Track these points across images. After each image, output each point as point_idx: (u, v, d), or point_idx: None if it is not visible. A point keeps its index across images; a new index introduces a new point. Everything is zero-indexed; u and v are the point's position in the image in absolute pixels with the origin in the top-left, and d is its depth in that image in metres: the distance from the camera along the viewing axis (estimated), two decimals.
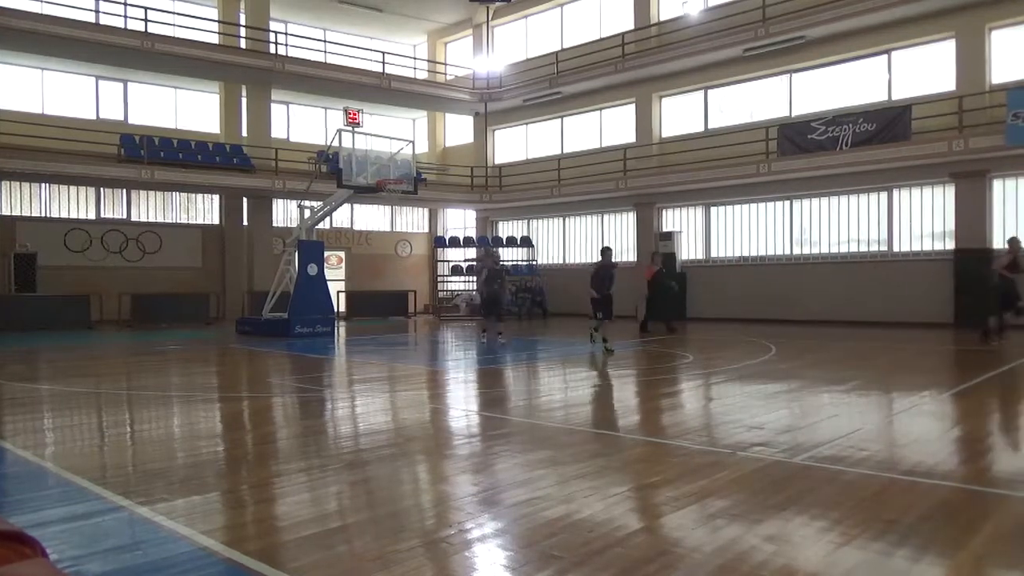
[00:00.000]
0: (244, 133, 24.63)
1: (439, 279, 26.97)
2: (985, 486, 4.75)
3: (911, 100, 17.86)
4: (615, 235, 24.80)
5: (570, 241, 26.28)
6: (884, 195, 18.80)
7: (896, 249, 18.59)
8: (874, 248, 19.00)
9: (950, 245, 17.49)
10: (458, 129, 30.38)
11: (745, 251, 21.36)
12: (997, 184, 17.07)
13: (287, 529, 3.99)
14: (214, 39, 22.99)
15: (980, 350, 12.73)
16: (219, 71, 22.95)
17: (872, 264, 18.74)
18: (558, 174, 25.04)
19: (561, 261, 26.40)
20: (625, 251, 24.33)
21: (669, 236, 22.31)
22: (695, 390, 9.12)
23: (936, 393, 8.36)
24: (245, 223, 24.19)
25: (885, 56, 19.00)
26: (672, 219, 23.20)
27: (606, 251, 13.75)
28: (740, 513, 4.10)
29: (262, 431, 7.05)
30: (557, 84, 25.00)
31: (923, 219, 18.27)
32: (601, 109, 25.29)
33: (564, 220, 26.39)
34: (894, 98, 18.61)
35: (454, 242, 26.90)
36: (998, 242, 16.81)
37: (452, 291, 27.22)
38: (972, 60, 17.34)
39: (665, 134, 23.61)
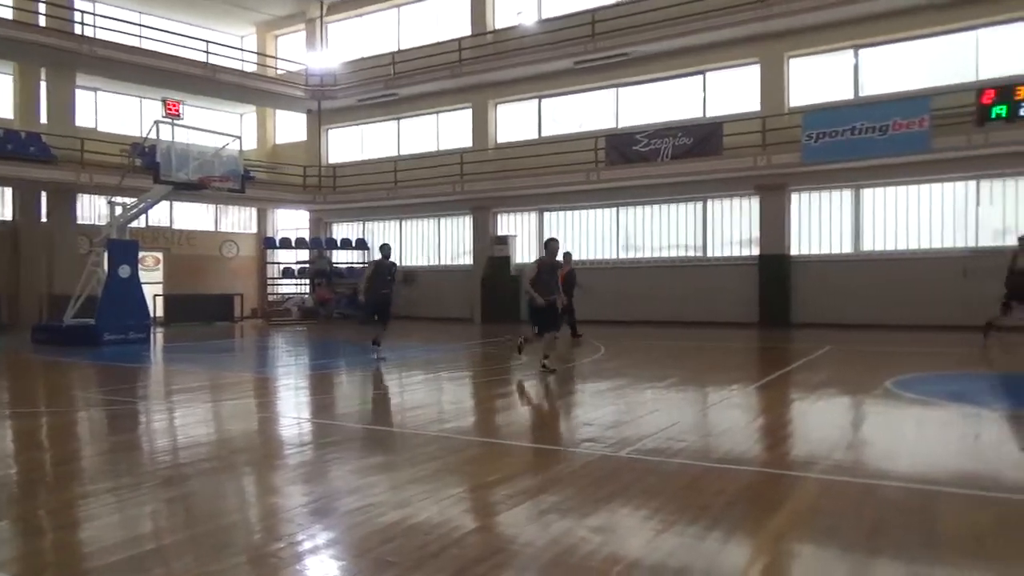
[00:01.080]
0: (43, 120, 22.26)
1: (269, 282, 25.82)
2: (784, 469, 5.25)
3: (723, 118, 19.42)
4: (452, 239, 24.97)
5: (407, 244, 26.11)
6: (699, 204, 20.30)
7: (710, 255, 20.12)
8: (691, 253, 20.46)
9: (756, 251, 19.18)
10: (290, 126, 29.25)
11: (576, 255, 22.24)
12: (795, 197, 18.97)
13: (93, 555, 3.64)
14: (7, 13, 20.61)
15: (776, 347, 14.07)
16: (14, 50, 20.59)
17: (690, 268, 20.17)
18: (395, 176, 24.81)
19: (398, 264, 26.13)
20: (462, 254, 24.58)
21: (504, 240, 22.80)
22: (529, 390, 9.36)
23: (743, 387, 9.13)
24: (44, 220, 21.85)
25: (701, 76, 20.54)
26: (508, 223, 23.70)
27: (551, 243, 10.39)
28: (570, 507, 4.25)
29: (64, 449, 6.39)
30: (393, 85, 24.78)
31: (732, 227, 19.92)
32: (438, 113, 25.36)
33: (401, 223, 26.18)
34: (708, 115, 20.16)
35: (285, 243, 25.86)
36: (795, 249, 18.72)
37: (283, 294, 26.16)
38: (774, 85, 19.17)
39: (501, 140, 24.09)
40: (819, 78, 18.99)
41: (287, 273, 25.89)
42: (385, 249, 12.81)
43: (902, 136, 16.25)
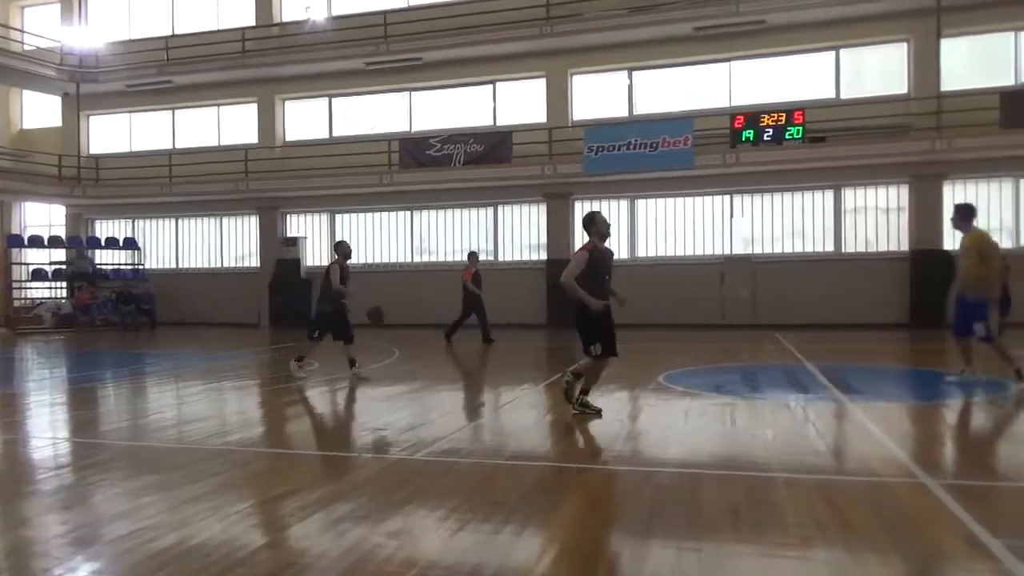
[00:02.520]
0: None
1: (15, 285, 22.68)
2: (571, 462, 5.53)
3: (512, 127, 20.15)
4: (236, 240, 23.54)
5: (184, 245, 24.19)
6: (491, 210, 20.90)
7: (502, 259, 20.77)
8: (484, 257, 20.97)
9: (544, 256, 20.09)
10: (41, 110, 25.93)
11: (371, 258, 21.93)
12: (578, 205, 20.14)
13: None
14: None
15: (563, 347, 14.85)
16: None
17: (481, 272, 20.64)
18: (170, 171, 22.89)
19: (174, 266, 24.15)
20: (247, 256, 23.26)
21: (294, 242, 21.91)
22: (321, 396, 9.05)
23: (533, 386, 9.51)
24: None
25: (491, 86, 21.17)
26: (297, 225, 22.80)
27: (594, 218, 7.44)
28: (365, 514, 4.16)
29: None
30: (168, 72, 22.88)
31: (522, 233, 20.72)
32: (220, 105, 23.80)
33: (177, 221, 24.20)
34: (499, 124, 20.83)
35: (36, 242, 22.89)
36: None
37: (33, 299, 23.12)
38: (559, 98, 20.25)
39: (290, 138, 23.14)
40: (599, 95, 20.37)
41: (38, 275, 22.92)
42: (345, 248, 11.06)
43: (669, 153, 17.87)
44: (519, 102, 20.92)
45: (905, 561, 3.46)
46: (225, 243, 23.72)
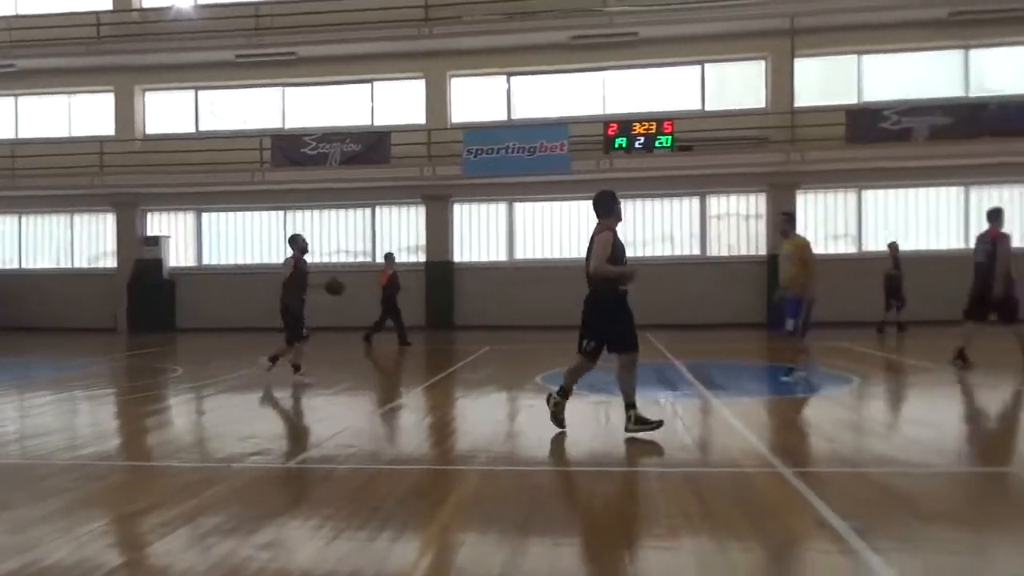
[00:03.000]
0: None
1: None
2: (450, 465, 5.52)
3: (390, 127, 19.89)
4: (89, 238, 21.89)
5: (29, 243, 22.23)
6: (369, 211, 20.54)
7: (380, 261, 20.43)
8: (360, 259, 20.59)
9: (423, 258, 19.96)
10: None
11: (241, 259, 21.01)
12: (457, 207, 20.15)
13: None
14: None
15: (441, 349, 14.81)
16: None
17: (359, 274, 20.24)
18: (12, 162, 20.98)
19: (17, 266, 22.15)
20: (102, 256, 21.70)
21: (156, 241, 20.64)
22: (185, 404, 8.57)
23: (411, 389, 9.42)
24: None
25: (369, 85, 20.81)
26: (159, 223, 21.50)
27: (615, 196, 7.05)
28: (234, 527, 3.97)
29: None
30: (11, 55, 20.97)
31: (401, 234, 20.49)
32: (72, 93, 22.07)
33: (20, 218, 22.21)
34: (376, 123, 20.51)
35: None
36: (458, 256, 19.87)
37: None
38: (438, 100, 20.18)
39: (150, 131, 21.79)
40: (478, 98, 20.47)
41: None
42: (301, 242, 10.14)
43: (547, 158, 18.22)
44: (397, 102, 20.69)
45: (763, 546, 3.68)
46: (77, 242, 22.03)
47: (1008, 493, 4.61)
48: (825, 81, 19.43)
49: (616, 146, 18.21)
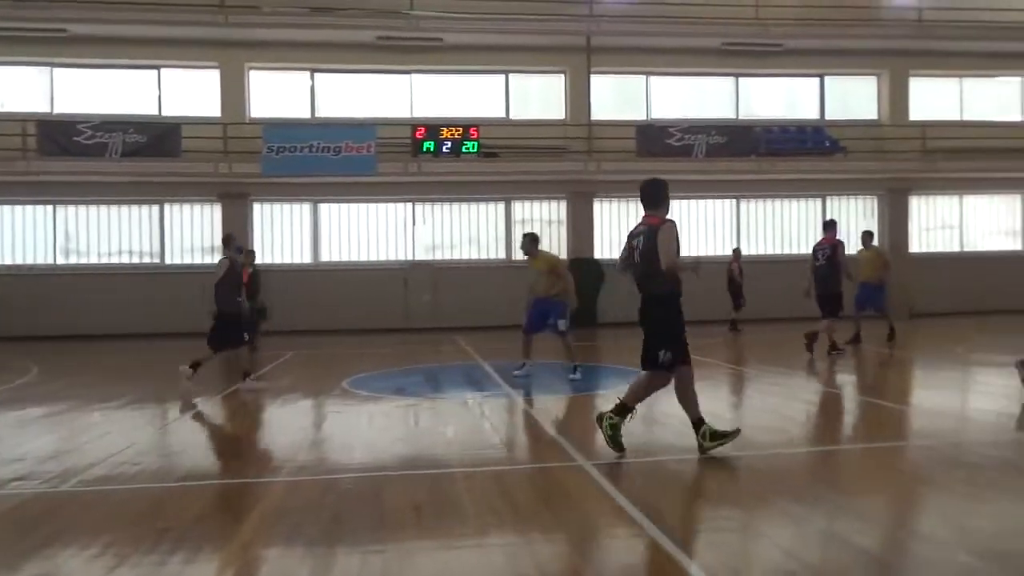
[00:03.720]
0: None
1: None
2: (251, 477, 5.22)
3: (181, 119, 18.44)
4: None
5: None
6: (156, 208, 18.93)
7: (169, 262, 18.92)
8: (147, 260, 18.93)
9: (218, 259, 18.67)
10: None
11: (9, 259, 18.51)
12: (257, 207, 19.11)
13: None
14: None
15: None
16: None
17: (145, 276, 18.62)
18: None
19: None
20: None
21: None
22: None
23: (207, 399, 8.79)
24: None
25: (156, 72, 19.19)
26: None
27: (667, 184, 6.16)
28: None
29: None
30: None
31: (194, 234, 19.07)
32: None
33: None
34: (164, 114, 18.94)
35: None
36: (259, 258, 18.84)
37: None
38: (234, 93, 19.01)
39: None
40: (280, 94, 19.60)
41: None
42: (237, 241, 9.95)
43: (353, 158, 17.84)
44: (189, 93, 19.26)
45: (566, 536, 3.86)
46: None
47: (776, 473, 5.19)
48: (618, 97, 20.83)
49: (424, 149, 18.26)
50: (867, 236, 13.22)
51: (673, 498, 4.44)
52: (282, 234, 19.33)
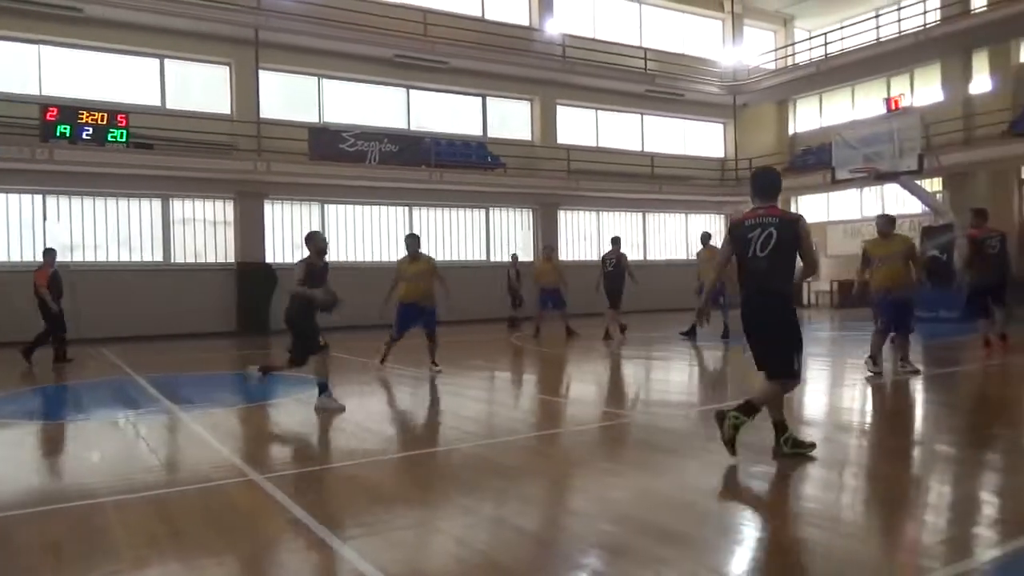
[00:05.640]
0: None
1: None
2: None
3: None
4: None
5: None
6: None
7: None
8: None
9: None
10: None
11: None
12: None
13: None
14: None
15: None
16: None
17: None
18: None
19: None
20: None
21: None
22: None
23: None
24: None
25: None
26: None
27: None
28: None
29: None
30: None
31: None
32: None
33: None
34: None
35: None
36: None
37: None
38: None
39: None
40: None
41: None
42: (320, 241, 7.56)
43: None
44: None
45: (238, 557, 3.62)
46: None
47: (450, 468, 5.44)
48: (290, 97, 20.21)
49: (58, 134, 15.84)
50: (706, 237, 14.97)
51: (351, 504, 4.42)
52: None
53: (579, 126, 24.65)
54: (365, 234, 20.54)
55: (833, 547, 3.51)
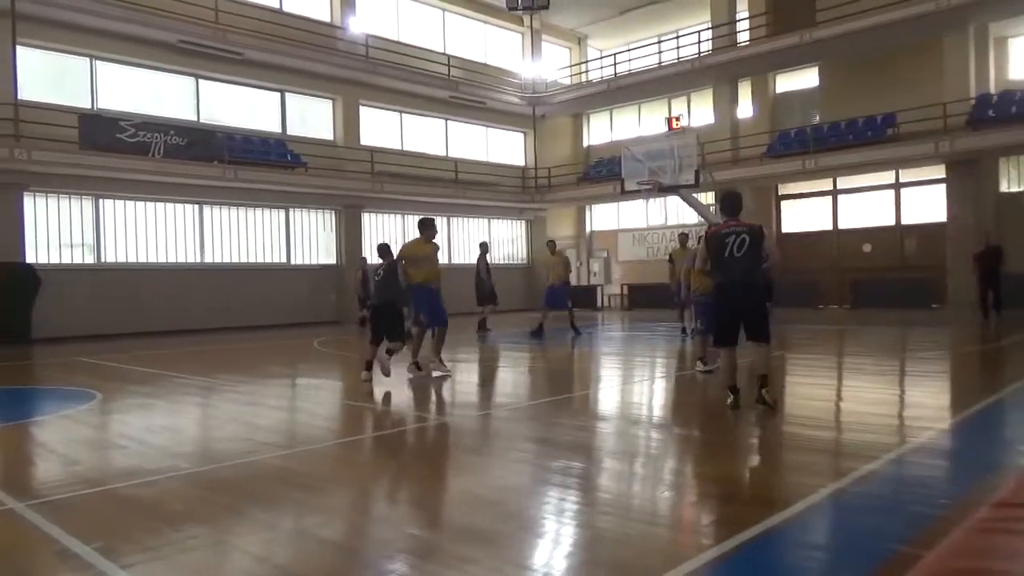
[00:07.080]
0: None
1: None
2: None
3: None
4: None
5: None
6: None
7: None
8: None
9: None
10: None
11: None
12: None
13: None
14: None
15: None
16: None
17: None
18: None
19: None
20: None
21: None
22: None
23: None
24: None
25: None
26: None
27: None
28: None
29: None
30: None
31: None
32: None
33: None
34: None
35: None
36: None
37: None
38: None
39: None
40: None
41: None
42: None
43: None
44: None
45: None
46: None
47: (244, 481, 5.12)
48: (56, 78, 18.10)
49: None
50: (552, 244, 16.18)
51: (132, 528, 4.00)
52: None
53: (384, 128, 24.43)
54: (149, 233, 18.89)
55: (628, 534, 3.74)
